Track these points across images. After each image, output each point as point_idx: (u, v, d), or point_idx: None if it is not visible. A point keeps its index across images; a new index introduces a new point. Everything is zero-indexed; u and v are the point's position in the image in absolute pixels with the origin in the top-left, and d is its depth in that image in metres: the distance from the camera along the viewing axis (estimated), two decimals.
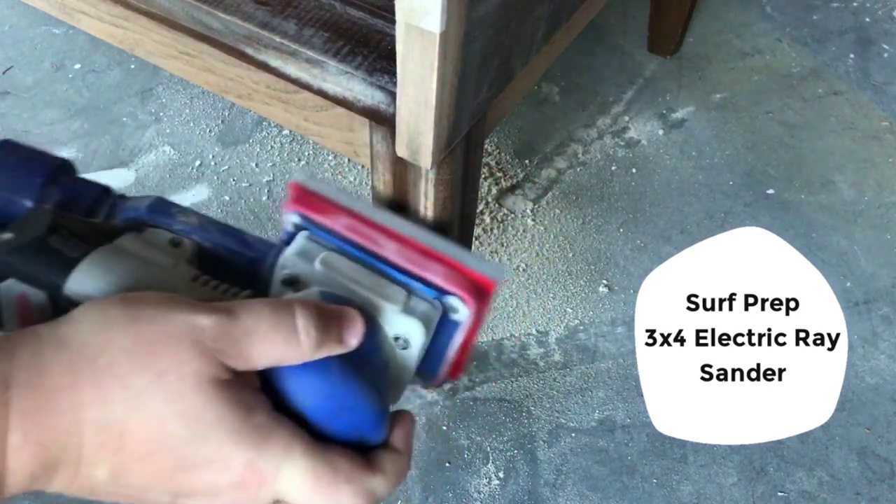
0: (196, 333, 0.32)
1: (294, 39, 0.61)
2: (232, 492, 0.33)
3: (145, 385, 0.31)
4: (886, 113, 1.31)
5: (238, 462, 0.32)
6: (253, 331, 0.33)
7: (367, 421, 0.36)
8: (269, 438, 0.33)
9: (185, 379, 0.31)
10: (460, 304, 0.39)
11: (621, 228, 1.14)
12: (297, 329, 0.34)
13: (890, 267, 1.11)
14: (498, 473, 0.92)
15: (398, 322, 0.38)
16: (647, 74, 1.36)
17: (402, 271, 0.39)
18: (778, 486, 0.92)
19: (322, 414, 0.35)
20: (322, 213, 0.40)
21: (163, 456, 0.31)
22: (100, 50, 1.35)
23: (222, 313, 0.33)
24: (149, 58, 0.77)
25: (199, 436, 0.31)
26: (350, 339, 0.35)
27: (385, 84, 0.58)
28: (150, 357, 0.31)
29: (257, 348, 0.33)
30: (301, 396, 0.35)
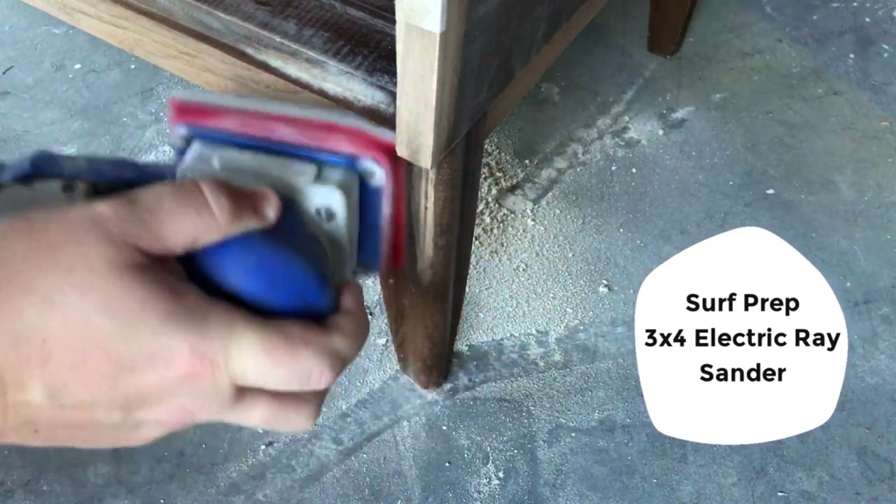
0: (97, 222, 0.30)
1: (294, 39, 0.61)
2: (185, 386, 0.30)
3: (55, 283, 0.28)
4: (886, 113, 1.31)
5: (180, 350, 0.29)
6: (158, 208, 0.31)
7: (306, 287, 0.34)
8: (206, 318, 0.30)
9: (95, 269, 0.28)
10: (374, 166, 0.38)
11: (621, 228, 1.14)
12: (210, 202, 0.32)
13: (890, 267, 1.11)
14: (498, 473, 0.92)
15: (314, 193, 0.36)
16: (647, 74, 1.36)
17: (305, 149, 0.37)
18: (778, 486, 0.92)
19: (258, 288, 0.33)
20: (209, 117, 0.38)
21: (96, 356, 0.28)
22: (100, 50, 1.35)
23: (122, 199, 0.31)
24: (149, 58, 0.77)
25: (129, 326, 0.28)
26: (267, 211, 0.34)
27: (385, 84, 0.58)
28: (53, 255, 0.28)
29: (168, 225, 0.31)
30: (232, 276, 0.33)
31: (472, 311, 1.05)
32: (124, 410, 0.30)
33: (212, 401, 0.31)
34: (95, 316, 0.28)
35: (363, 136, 0.37)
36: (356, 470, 0.92)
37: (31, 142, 1.22)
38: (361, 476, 0.91)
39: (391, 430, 0.95)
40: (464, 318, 1.04)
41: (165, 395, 0.30)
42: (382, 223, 0.39)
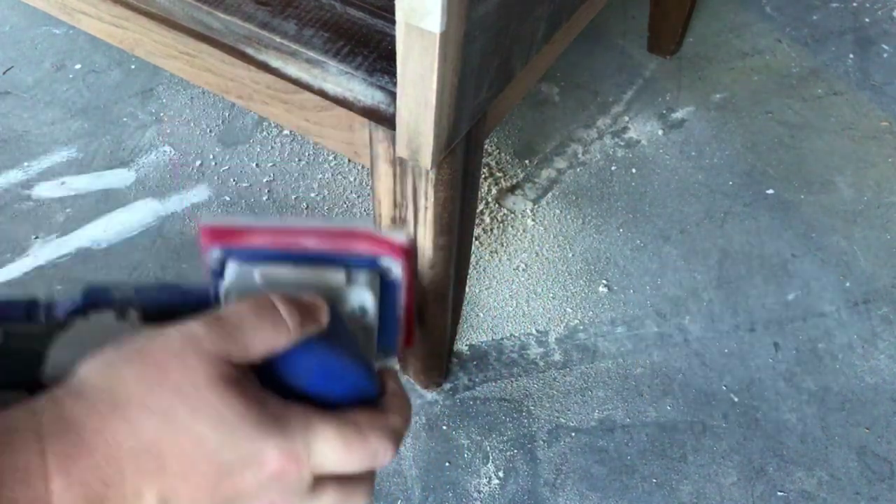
0: (194, 342, 0.34)
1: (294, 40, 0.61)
2: (275, 483, 0.34)
3: (167, 403, 0.32)
4: (886, 113, 1.31)
5: (270, 451, 0.33)
6: (243, 325, 0.35)
7: (361, 378, 0.38)
8: (288, 420, 0.34)
9: (199, 386, 0.33)
10: (392, 263, 0.42)
11: (621, 228, 1.14)
12: (282, 313, 0.36)
13: (889, 267, 1.11)
14: (498, 473, 0.92)
15: (350, 294, 0.41)
16: (647, 74, 1.36)
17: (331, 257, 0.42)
18: (778, 485, 0.92)
19: (322, 386, 0.37)
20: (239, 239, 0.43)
21: (202, 466, 0.33)
22: (100, 50, 1.35)
23: (209, 318, 0.35)
24: (149, 58, 0.77)
25: (230, 436, 0.33)
26: (322, 318, 0.38)
27: (385, 84, 0.58)
28: (163, 377, 0.33)
29: (252, 339, 0.35)
30: (299, 378, 0.37)
31: (472, 311, 1.05)
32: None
33: (295, 492, 0.35)
34: (203, 429, 0.32)
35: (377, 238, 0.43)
36: None
37: (31, 142, 1.22)
38: None
39: None
40: (464, 318, 1.04)
41: (259, 493, 0.34)
42: (400, 312, 0.45)
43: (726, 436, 0.95)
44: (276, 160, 1.20)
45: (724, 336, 1.04)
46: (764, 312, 1.06)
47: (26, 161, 1.20)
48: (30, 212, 1.14)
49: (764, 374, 1.00)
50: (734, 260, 1.11)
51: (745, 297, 1.07)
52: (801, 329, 1.05)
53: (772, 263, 1.11)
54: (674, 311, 1.06)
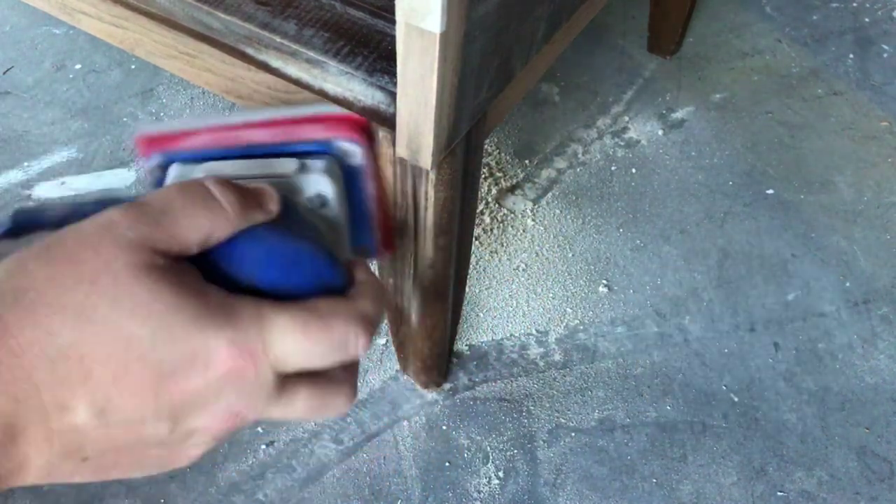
0: (111, 230, 0.29)
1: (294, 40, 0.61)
2: (229, 383, 0.29)
3: (83, 298, 0.27)
4: (886, 113, 1.31)
5: (217, 346, 0.29)
6: (169, 208, 0.31)
7: (319, 268, 0.35)
8: (236, 310, 0.30)
9: (119, 276, 0.28)
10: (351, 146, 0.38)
11: (621, 228, 1.14)
12: (219, 199, 0.32)
13: (889, 267, 1.11)
14: (498, 473, 0.92)
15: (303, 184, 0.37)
16: (647, 74, 1.36)
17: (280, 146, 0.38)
18: (777, 485, 0.92)
19: (275, 277, 0.33)
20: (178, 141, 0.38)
21: (135, 367, 0.28)
22: (100, 50, 1.35)
23: (131, 203, 0.31)
24: (149, 58, 0.77)
25: (162, 330, 0.28)
26: (270, 205, 0.34)
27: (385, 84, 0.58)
28: (75, 270, 0.28)
29: (182, 223, 0.31)
30: (248, 269, 0.33)
31: (472, 311, 1.05)
32: (172, 420, 0.29)
33: (258, 395, 0.30)
34: (128, 324, 0.28)
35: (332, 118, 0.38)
36: (356, 470, 0.92)
37: (32, 142, 1.22)
38: (361, 476, 0.91)
39: (391, 429, 0.95)
40: (464, 318, 1.04)
41: (211, 397, 0.29)
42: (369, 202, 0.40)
43: (726, 436, 0.95)
44: None
45: (724, 336, 1.04)
46: (764, 312, 1.06)
47: (26, 161, 1.20)
48: None
49: (764, 374, 1.00)
50: (734, 260, 1.11)
51: (745, 297, 1.07)
52: (801, 329, 1.05)
53: (772, 263, 1.11)
54: (674, 311, 1.06)
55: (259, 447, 0.93)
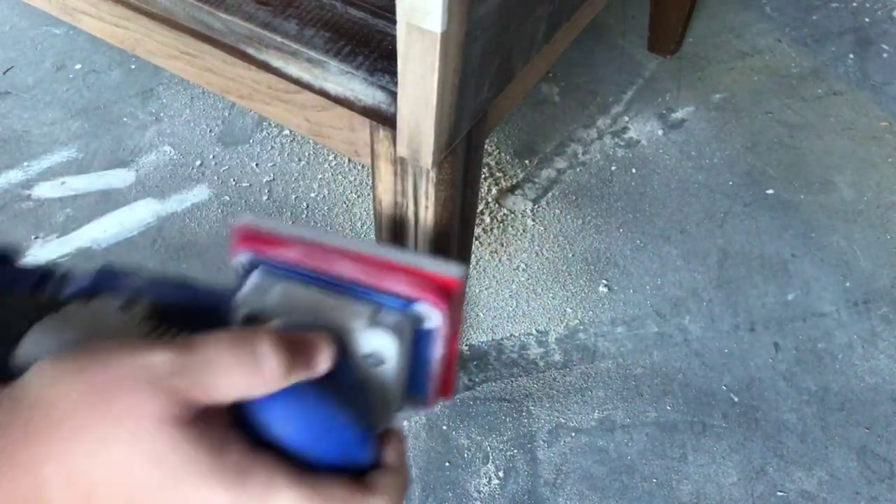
0: (151, 371, 0.30)
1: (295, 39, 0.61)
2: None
3: (104, 432, 0.29)
4: (886, 113, 1.31)
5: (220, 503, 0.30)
6: (213, 362, 0.31)
7: (350, 441, 0.34)
8: (248, 475, 0.31)
9: (144, 421, 0.29)
10: (430, 309, 0.37)
11: (621, 228, 1.14)
12: (262, 356, 0.32)
13: (889, 267, 1.11)
14: (498, 473, 0.92)
15: (366, 338, 0.36)
16: (647, 74, 1.36)
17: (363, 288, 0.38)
18: (778, 485, 0.92)
19: (302, 441, 0.33)
20: (271, 246, 0.39)
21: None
22: (100, 50, 1.35)
23: (177, 347, 0.31)
24: (150, 58, 0.77)
25: (171, 480, 0.29)
26: (319, 364, 0.34)
27: (386, 84, 0.58)
28: (105, 403, 0.29)
29: (219, 380, 0.31)
30: (277, 427, 0.33)
31: (472, 311, 1.05)
32: None
33: None
34: (140, 468, 0.29)
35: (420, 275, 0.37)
36: None
37: (32, 142, 1.22)
38: None
39: None
40: (464, 318, 1.04)
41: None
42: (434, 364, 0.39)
43: (726, 436, 0.95)
44: (276, 160, 1.20)
45: (724, 336, 1.04)
46: (764, 312, 1.06)
47: (26, 161, 1.20)
48: (30, 212, 1.14)
49: (764, 374, 1.00)
50: (734, 260, 1.11)
51: (745, 297, 1.07)
52: (801, 329, 1.05)
53: (772, 263, 1.11)
54: (674, 311, 1.06)
55: None
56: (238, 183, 1.17)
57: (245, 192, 1.16)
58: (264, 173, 1.18)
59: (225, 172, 1.18)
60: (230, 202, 1.15)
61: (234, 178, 1.18)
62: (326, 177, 1.18)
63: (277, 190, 1.16)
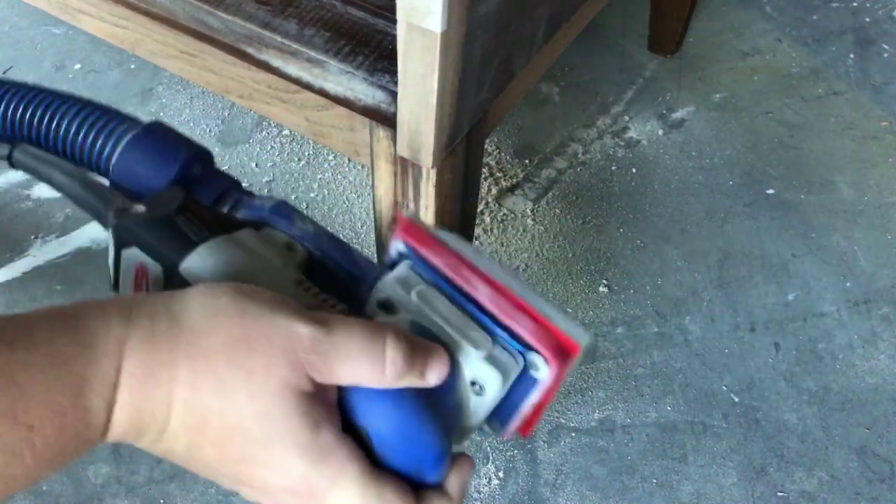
0: (292, 340, 0.34)
1: (295, 39, 0.61)
2: (285, 495, 0.35)
3: (234, 379, 0.33)
4: (886, 113, 1.31)
5: (295, 472, 0.34)
6: (344, 349, 0.34)
7: (427, 456, 0.36)
8: (328, 457, 0.34)
9: (269, 382, 0.33)
10: (542, 363, 0.39)
11: (621, 228, 1.14)
12: (386, 356, 0.35)
13: (890, 267, 1.11)
14: (498, 473, 0.92)
15: (478, 368, 0.38)
16: (647, 74, 1.36)
17: (491, 318, 0.39)
18: (778, 486, 0.92)
19: (387, 440, 0.36)
20: (426, 246, 0.40)
21: (233, 447, 0.34)
22: (100, 50, 1.35)
23: (320, 326, 0.34)
24: (150, 57, 0.77)
25: (269, 439, 0.33)
26: (431, 377, 0.36)
27: (386, 84, 0.58)
28: (245, 353, 0.33)
29: (344, 366, 0.34)
30: (371, 419, 0.36)
31: None
32: (234, 483, 0.36)
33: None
34: (249, 419, 0.33)
35: (545, 326, 0.39)
36: None
37: None
38: None
39: None
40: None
41: (268, 491, 0.35)
42: (525, 406, 0.41)
43: (726, 436, 0.95)
44: (275, 160, 1.20)
45: (725, 336, 1.04)
46: (764, 312, 1.06)
47: None
48: (30, 212, 1.14)
49: (764, 374, 1.00)
50: (734, 260, 1.11)
51: (746, 298, 1.07)
52: (802, 329, 1.05)
53: (772, 263, 1.11)
54: (674, 311, 1.06)
55: None
56: None
57: None
58: (264, 173, 1.18)
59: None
60: None
61: None
62: (326, 177, 1.18)
63: (277, 190, 1.16)
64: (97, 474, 0.90)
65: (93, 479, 0.90)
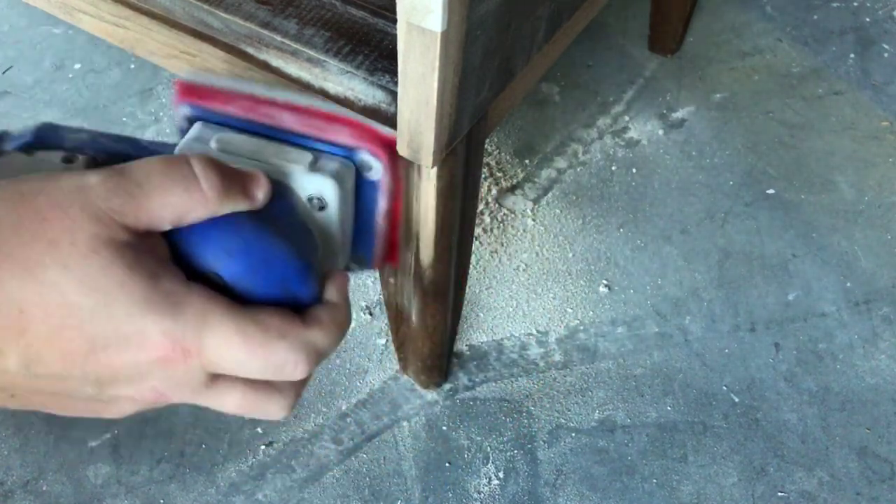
0: (85, 194, 0.30)
1: (295, 39, 0.61)
2: (157, 370, 0.30)
3: (37, 256, 0.28)
4: (886, 113, 1.31)
5: (153, 334, 0.30)
6: (146, 181, 0.31)
7: (290, 274, 0.34)
8: (181, 303, 0.30)
9: (77, 243, 0.29)
10: (372, 159, 0.38)
11: (621, 228, 1.14)
12: (196, 175, 0.31)
13: (890, 267, 1.11)
14: (498, 473, 0.92)
15: (307, 181, 0.37)
16: (647, 74, 1.36)
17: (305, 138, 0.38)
18: (778, 486, 0.92)
19: (240, 273, 0.33)
20: (213, 99, 0.38)
21: (70, 333, 0.29)
22: (100, 50, 1.35)
23: (110, 171, 0.31)
24: (149, 57, 0.77)
25: (103, 306, 0.29)
26: (256, 193, 0.33)
27: (386, 83, 0.58)
28: (39, 226, 0.29)
29: (155, 200, 0.31)
30: (214, 258, 0.32)
31: (472, 311, 1.05)
32: (96, 386, 0.30)
33: (183, 385, 0.31)
34: (73, 293, 0.28)
35: (363, 128, 0.38)
36: (356, 470, 0.91)
37: None
38: (361, 476, 0.91)
39: (391, 430, 0.95)
40: (464, 318, 1.04)
41: (137, 376, 0.30)
42: (378, 218, 0.40)
43: (727, 436, 0.95)
44: None
45: (725, 336, 1.04)
46: (764, 312, 1.06)
47: None
48: None
49: (764, 374, 1.00)
50: (735, 260, 1.11)
51: (746, 297, 1.07)
52: (802, 329, 1.04)
53: (772, 263, 1.11)
54: (674, 311, 1.06)
55: (259, 447, 0.93)
56: None
57: None
58: None
59: None
60: None
61: None
62: None
63: None
64: (97, 474, 0.90)
65: (93, 479, 0.90)
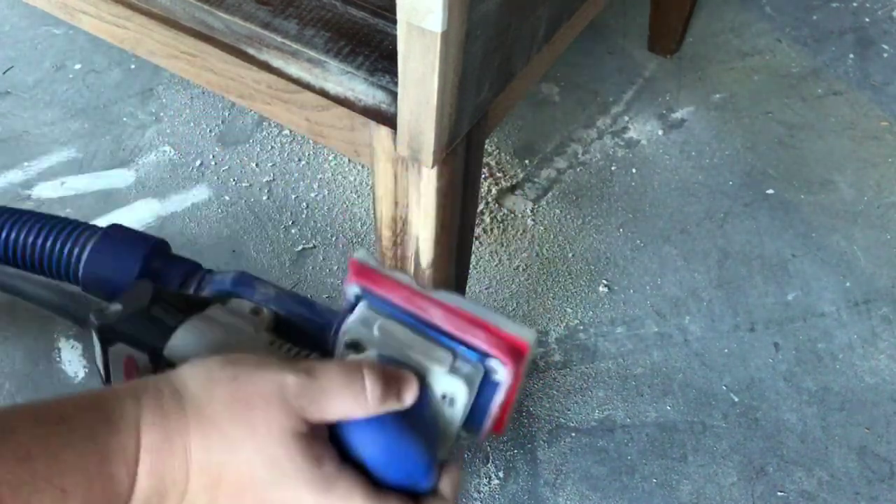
0: (283, 391, 0.38)
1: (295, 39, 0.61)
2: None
3: (240, 436, 0.38)
4: (886, 113, 1.31)
5: (308, 502, 0.38)
6: (328, 389, 0.39)
7: (418, 469, 0.41)
8: (334, 486, 0.39)
9: (272, 432, 0.38)
10: (499, 366, 0.44)
11: (621, 228, 1.14)
12: (366, 388, 0.39)
13: (890, 267, 1.11)
14: (498, 473, 0.92)
15: (445, 381, 0.43)
16: (647, 74, 1.36)
17: (448, 337, 0.44)
18: (778, 485, 0.92)
19: (380, 463, 0.40)
20: (379, 285, 0.45)
21: (248, 496, 0.38)
22: (100, 50, 1.35)
23: (304, 373, 0.39)
24: (150, 57, 0.77)
25: (279, 481, 0.38)
26: (406, 398, 0.41)
27: (386, 84, 0.58)
28: (245, 412, 0.38)
29: (331, 403, 0.39)
30: (363, 447, 0.40)
31: None
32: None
33: None
34: (259, 469, 0.38)
35: (497, 334, 0.44)
36: None
37: (31, 142, 1.22)
38: None
39: None
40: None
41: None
42: (493, 408, 0.46)
43: (726, 436, 0.95)
44: (276, 160, 1.20)
45: (724, 336, 1.04)
46: (764, 312, 1.06)
47: (26, 161, 1.20)
48: None
49: (764, 374, 1.00)
50: (734, 260, 1.11)
51: (745, 297, 1.07)
52: (802, 329, 1.05)
53: (772, 263, 1.11)
54: (674, 311, 1.06)
55: None
56: (238, 183, 1.17)
57: (245, 192, 1.16)
58: (264, 173, 1.18)
59: (225, 172, 1.18)
60: (230, 202, 1.15)
61: (234, 178, 1.18)
62: (326, 177, 1.18)
63: (277, 190, 1.16)
64: None
65: None
